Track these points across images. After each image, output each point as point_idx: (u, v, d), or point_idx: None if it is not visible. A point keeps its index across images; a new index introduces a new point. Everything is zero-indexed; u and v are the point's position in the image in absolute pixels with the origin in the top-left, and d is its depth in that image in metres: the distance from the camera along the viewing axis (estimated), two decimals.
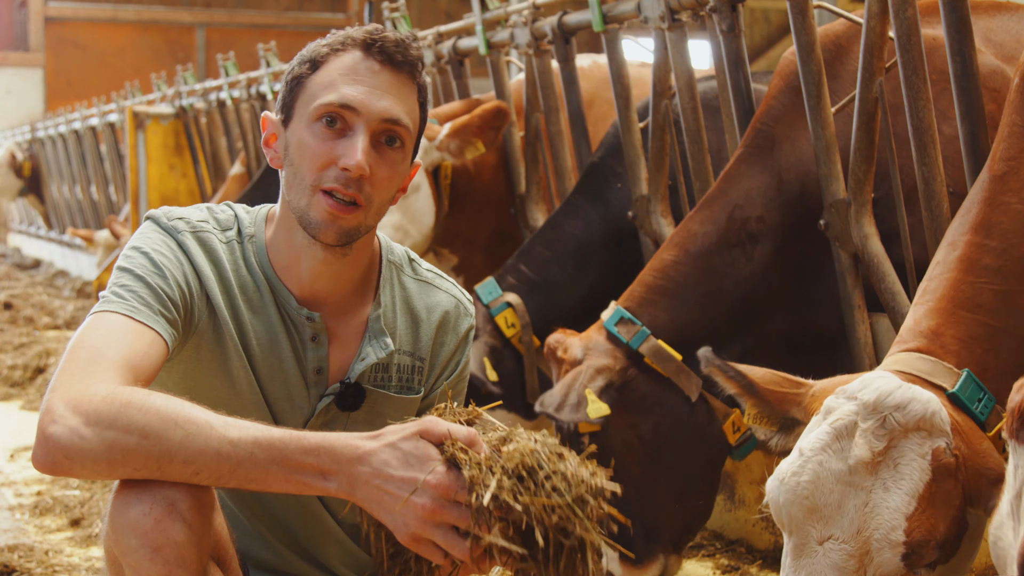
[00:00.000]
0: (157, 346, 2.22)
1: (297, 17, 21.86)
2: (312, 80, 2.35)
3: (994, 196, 2.63)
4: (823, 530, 2.33)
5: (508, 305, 4.43)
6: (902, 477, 2.28)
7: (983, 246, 2.59)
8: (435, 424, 2.03)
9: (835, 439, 2.34)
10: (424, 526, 1.97)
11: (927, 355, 2.49)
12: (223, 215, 2.46)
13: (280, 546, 2.51)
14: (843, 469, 2.31)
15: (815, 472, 2.33)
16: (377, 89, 2.32)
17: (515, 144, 5.52)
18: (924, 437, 2.30)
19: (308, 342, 2.42)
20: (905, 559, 2.26)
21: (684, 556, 4.29)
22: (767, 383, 2.57)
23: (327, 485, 2.03)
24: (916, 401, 2.30)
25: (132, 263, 2.30)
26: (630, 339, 3.60)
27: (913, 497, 2.27)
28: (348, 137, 2.30)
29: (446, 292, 2.57)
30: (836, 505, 2.31)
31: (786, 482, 2.35)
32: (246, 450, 2.02)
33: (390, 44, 2.34)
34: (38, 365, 7.75)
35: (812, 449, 2.34)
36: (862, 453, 2.30)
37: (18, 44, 21.07)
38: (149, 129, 10.12)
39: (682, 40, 4.35)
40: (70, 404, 2.04)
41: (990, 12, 3.87)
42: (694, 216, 3.76)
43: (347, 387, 2.43)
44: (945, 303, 2.56)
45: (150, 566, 2.04)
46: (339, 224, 2.31)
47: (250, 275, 2.41)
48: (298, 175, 2.33)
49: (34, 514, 4.89)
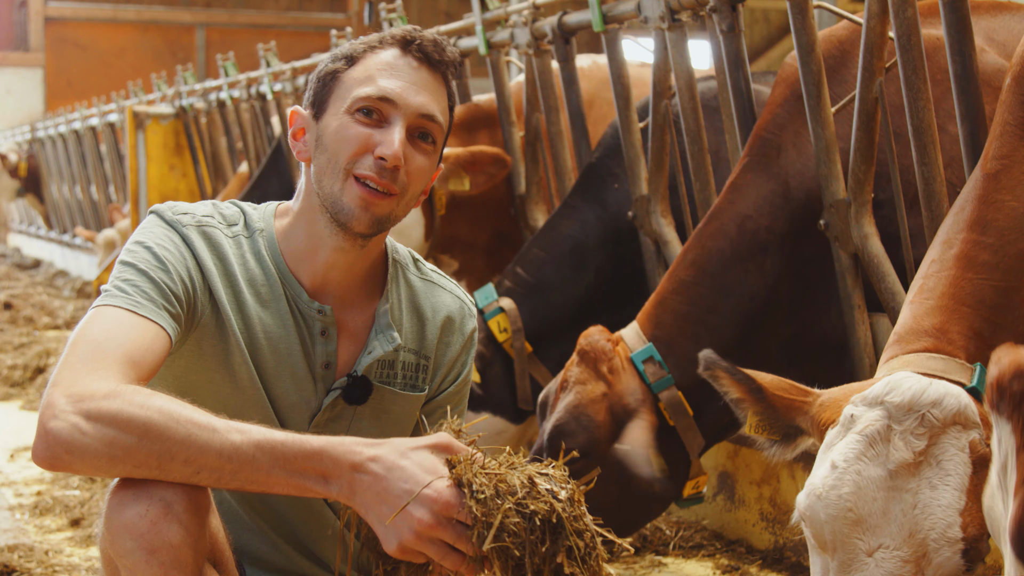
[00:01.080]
0: (160, 340, 2.22)
1: (297, 17, 21.86)
2: (348, 75, 2.37)
3: (988, 194, 2.63)
4: (871, 540, 2.26)
5: (501, 310, 4.43)
6: (948, 473, 2.24)
7: (980, 243, 2.58)
8: (451, 441, 2.04)
9: (868, 446, 2.28)
10: (419, 540, 1.98)
11: (937, 353, 2.47)
12: (229, 211, 2.47)
13: (279, 541, 2.51)
14: (883, 474, 2.25)
15: (855, 482, 2.26)
16: (415, 84, 2.35)
17: (515, 144, 5.52)
18: (960, 431, 2.26)
19: (318, 336, 2.42)
20: (965, 555, 2.21)
21: (684, 556, 4.29)
22: (775, 388, 2.52)
23: (328, 489, 2.03)
24: (950, 396, 2.28)
25: (135, 257, 2.30)
26: (653, 382, 3.56)
27: (962, 492, 2.22)
28: (384, 128, 2.33)
29: (450, 293, 2.58)
30: (881, 513, 2.25)
31: (825, 497, 2.28)
32: (248, 452, 2.02)
33: (428, 43, 2.38)
34: (38, 365, 7.75)
35: (847, 460, 2.28)
36: (904, 455, 2.25)
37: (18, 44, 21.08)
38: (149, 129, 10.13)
39: (682, 40, 4.35)
40: (72, 399, 2.04)
41: (992, 12, 3.87)
42: (704, 230, 3.72)
43: (354, 380, 2.44)
44: (947, 300, 2.54)
45: (146, 568, 2.04)
46: (372, 211, 2.32)
47: (260, 268, 2.41)
48: (332, 160, 2.34)
49: (34, 514, 4.89)
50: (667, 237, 4.50)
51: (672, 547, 4.33)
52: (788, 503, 4.19)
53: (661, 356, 3.58)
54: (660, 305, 3.67)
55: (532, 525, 1.92)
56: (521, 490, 1.94)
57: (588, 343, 3.60)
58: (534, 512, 1.93)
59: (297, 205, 2.44)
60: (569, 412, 3.52)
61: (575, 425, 3.50)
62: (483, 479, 1.96)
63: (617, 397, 3.54)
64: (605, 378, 3.55)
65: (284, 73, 8.05)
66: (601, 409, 3.53)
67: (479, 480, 1.95)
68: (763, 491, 4.33)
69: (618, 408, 3.54)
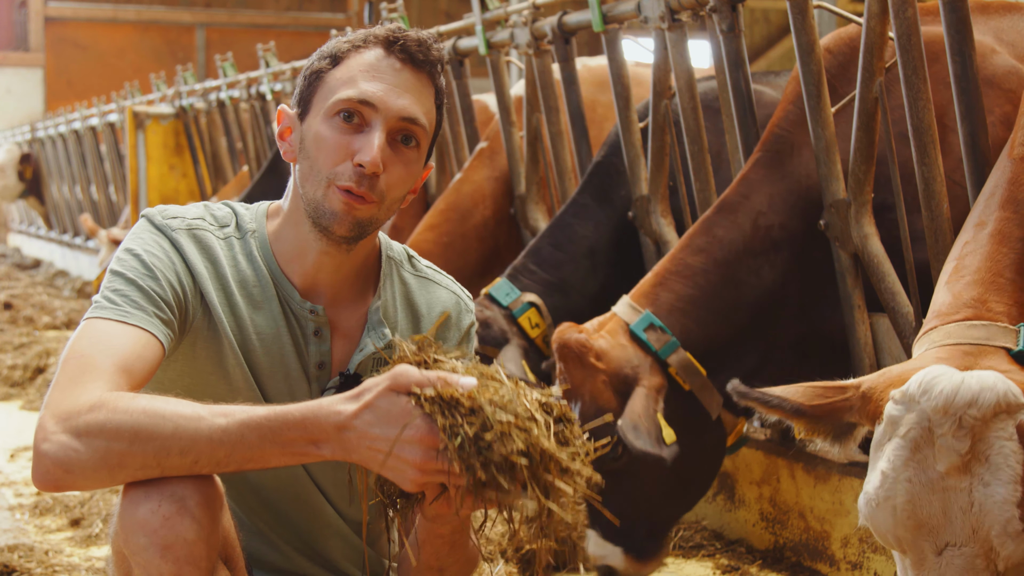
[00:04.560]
0: (152, 347, 2.22)
1: (297, 17, 21.85)
2: (331, 75, 2.35)
3: (1017, 176, 2.66)
4: (937, 540, 2.25)
5: (531, 305, 4.41)
6: (998, 468, 2.21)
7: (1013, 220, 2.60)
8: (402, 376, 2.02)
9: (914, 452, 2.25)
10: (423, 475, 2.00)
11: (977, 320, 2.43)
12: (220, 212, 2.46)
13: (281, 542, 2.51)
14: (934, 478, 2.23)
15: (907, 490, 2.25)
16: (397, 87, 2.32)
17: (515, 144, 5.52)
18: (1004, 419, 2.22)
19: (311, 336, 2.42)
20: None
21: (684, 556, 4.29)
22: (812, 399, 2.47)
23: (322, 451, 2.05)
24: (986, 390, 2.22)
25: (123, 266, 2.30)
26: (659, 348, 3.51)
27: (1016, 483, 2.19)
28: (365, 133, 2.31)
29: (446, 288, 2.58)
30: (941, 514, 2.24)
31: (881, 506, 2.27)
32: (237, 433, 2.04)
33: (412, 43, 2.35)
34: (38, 365, 7.75)
35: (895, 468, 2.26)
36: (950, 460, 2.22)
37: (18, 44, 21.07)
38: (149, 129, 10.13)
39: (682, 40, 4.35)
40: (59, 419, 2.05)
41: (1001, 12, 3.85)
42: (716, 221, 3.69)
43: (347, 378, 2.44)
44: (984, 273, 2.53)
45: (160, 564, 2.04)
46: (354, 215, 2.31)
47: (252, 269, 2.41)
48: (314, 168, 2.33)
49: (34, 514, 4.89)
50: (667, 237, 4.50)
51: (672, 547, 4.32)
52: (788, 503, 4.19)
53: (664, 324, 3.52)
54: (660, 285, 3.62)
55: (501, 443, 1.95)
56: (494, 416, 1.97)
57: (562, 340, 3.53)
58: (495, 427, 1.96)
59: (286, 205, 2.43)
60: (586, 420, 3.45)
61: (598, 431, 3.43)
62: (453, 416, 1.98)
63: (614, 376, 3.47)
64: (595, 366, 3.48)
65: (284, 73, 8.06)
66: (609, 398, 3.47)
67: (449, 420, 1.98)
68: (763, 491, 4.33)
69: (619, 386, 3.48)
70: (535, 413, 2.00)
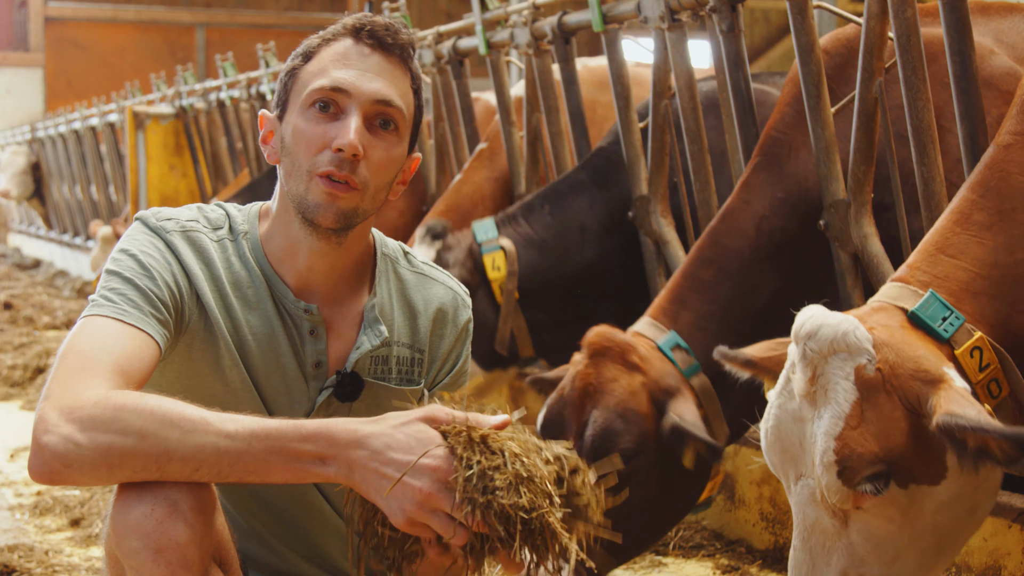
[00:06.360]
0: (149, 348, 2.22)
1: (297, 17, 21.87)
2: (304, 70, 2.36)
3: (995, 162, 2.71)
4: (795, 469, 2.41)
5: (500, 248, 4.41)
6: (829, 401, 2.35)
7: (976, 203, 2.67)
8: (439, 410, 2.04)
9: (786, 382, 2.43)
10: (420, 510, 1.98)
11: (897, 283, 2.58)
12: (213, 214, 2.46)
13: (279, 543, 2.50)
14: (795, 407, 2.40)
15: (777, 416, 2.43)
16: (368, 72, 2.33)
17: (515, 144, 5.52)
18: (845, 359, 2.35)
19: (307, 336, 2.42)
20: (840, 476, 2.31)
21: (684, 556, 4.29)
22: (764, 352, 2.69)
23: (326, 471, 2.03)
24: (825, 326, 2.36)
25: (120, 266, 2.30)
26: (684, 368, 3.49)
27: (840, 418, 2.32)
28: (341, 120, 2.31)
29: (443, 284, 2.57)
30: (798, 443, 2.40)
31: (763, 432, 2.45)
32: (244, 442, 2.03)
33: (379, 28, 2.35)
34: (38, 365, 7.75)
35: (772, 395, 2.44)
36: (799, 387, 2.38)
37: (18, 44, 21.08)
38: (149, 129, 10.14)
39: (682, 40, 4.35)
40: (63, 412, 2.04)
41: (1002, 13, 3.84)
42: (720, 229, 3.68)
43: (344, 377, 2.43)
44: (928, 247, 2.64)
45: (152, 567, 2.04)
46: (337, 205, 2.30)
47: (245, 271, 2.41)
48: (295, 162, 2.33)
49: (34, 514, 4.89)
50: (667, 237, 4.50)
51: (672, 547, 4.33)
52: (788, 503, 4.19)
53: (689, 345, 3.50)
54: (677, 302, 3.60)
55: (516, 500, 1.94)
56: (511, 463, 1.96)
57: (604, 339, 3.46)
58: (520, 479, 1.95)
59: (275, 207, 2.43)
60: (613, 411, 3.35)
61: (622, 424, 3.34)
62: (472, 450, 1.98)
63: (654, 383, 3.42)
64: (639, 367, 3.42)
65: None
66: (643, 400, 3.39)
67: (468, 453, 1.98)
68: (763, 491, 4.33)
69: (658, 394, 3.42)
70: (550, 486, 1.98)
